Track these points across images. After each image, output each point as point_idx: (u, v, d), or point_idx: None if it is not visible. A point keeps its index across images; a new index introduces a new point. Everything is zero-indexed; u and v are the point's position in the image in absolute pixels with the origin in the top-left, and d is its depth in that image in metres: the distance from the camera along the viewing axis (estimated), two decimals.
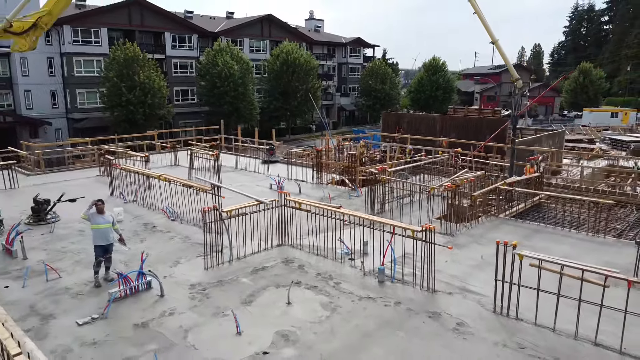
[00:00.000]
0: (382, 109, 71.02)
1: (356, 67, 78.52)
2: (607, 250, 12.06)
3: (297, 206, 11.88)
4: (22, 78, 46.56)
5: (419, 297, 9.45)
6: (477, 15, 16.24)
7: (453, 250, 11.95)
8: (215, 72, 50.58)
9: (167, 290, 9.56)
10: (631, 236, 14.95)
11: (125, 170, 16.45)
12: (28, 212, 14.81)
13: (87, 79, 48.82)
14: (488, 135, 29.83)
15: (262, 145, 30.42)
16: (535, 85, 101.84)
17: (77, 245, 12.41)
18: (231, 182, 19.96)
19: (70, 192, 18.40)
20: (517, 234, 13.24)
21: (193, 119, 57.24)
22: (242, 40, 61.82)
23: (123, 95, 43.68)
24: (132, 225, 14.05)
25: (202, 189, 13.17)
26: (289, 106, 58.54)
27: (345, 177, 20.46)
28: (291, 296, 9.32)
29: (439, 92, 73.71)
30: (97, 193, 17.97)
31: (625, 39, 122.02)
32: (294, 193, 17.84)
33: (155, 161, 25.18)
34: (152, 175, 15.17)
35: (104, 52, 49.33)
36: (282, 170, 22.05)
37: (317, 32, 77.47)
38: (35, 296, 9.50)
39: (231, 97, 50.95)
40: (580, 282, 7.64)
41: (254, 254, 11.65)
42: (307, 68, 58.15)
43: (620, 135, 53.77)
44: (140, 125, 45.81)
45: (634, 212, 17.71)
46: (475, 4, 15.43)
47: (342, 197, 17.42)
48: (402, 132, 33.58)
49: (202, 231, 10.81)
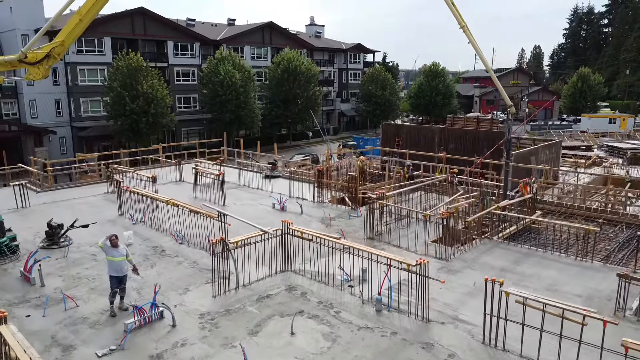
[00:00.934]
0: (382, 114, 71.80)
1: (356, 73, 79.18)
2: (593, 276, 12.71)
3: (300, 235, 12.55)
4: (27, 87, 47.26)
5: (413, 327, 10.12)
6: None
7: (447, 277, 12.63)
8: (217, 80, 51.26)
9: (178, 320, 10.23)
10: (619, 258, 15.60)
11: (134, 192, 17.11)
12: (41, 234, 15.49)
13: (91, 88, 49.55)
14: (486, 148, 30.49)
15: (264, 155, 31.15)
16: (535, 89, 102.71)
17: (91, 271, 13.08)
18: (235, 200, 20.66)
19: (79, 211, 19.14)
20: (508, 259, 13.91)
21: (195, 126, 58.05)
22: (243, 47, 62.51)
23: (127, 105, 44.36)
24: (142, 248, 14.71)
25: (210, 216, 13.83)
26: (290, 113, 59.22)
27: (345, 194, 21.12)
28: (295, 325, 9.99)
29: (438, 97, 74.39)
30: (106, 213, 18.72)
31: (624, 42, 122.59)
32: (295, 213, 18.60)
33: (161, 176, 25.80)
34: (161, 199, 15.83)
35: (108, 61, 50.04)
36: (283, 186, 22.66)
37: (318, 38, 78.17)
38: (55, 326, 10.17)
39: (233, 106, 51.63)
40: (561, 319, 8.30)
41: (259, 280, 12.31)
42: (308, 75, 58.86)
43: (617, 142, 54.39)
44: (144, 134, 46.58)
45: (624, 231, 18.35)
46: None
47: (342, 217, 18.08)
48: (401, 143, 34.21)
49: (210, 255, 11.51)
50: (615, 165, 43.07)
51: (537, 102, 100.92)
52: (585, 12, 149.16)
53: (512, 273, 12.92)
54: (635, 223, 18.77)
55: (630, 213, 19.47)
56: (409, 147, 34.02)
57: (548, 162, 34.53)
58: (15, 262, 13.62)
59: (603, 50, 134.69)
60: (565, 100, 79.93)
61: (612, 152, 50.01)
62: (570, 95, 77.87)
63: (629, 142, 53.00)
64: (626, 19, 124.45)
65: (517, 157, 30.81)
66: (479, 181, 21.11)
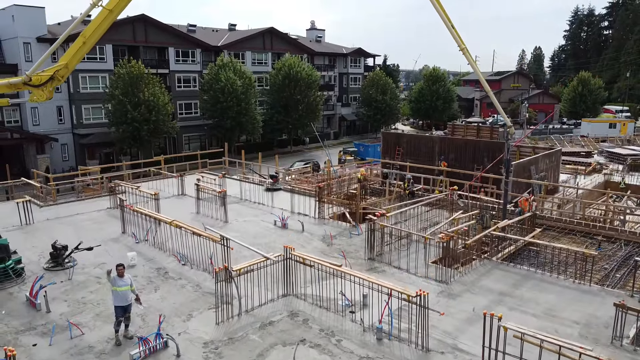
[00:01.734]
0: (383, 119, 72.01)
1: (357, 77, 79.35)
2: (591, 301, 12.88)
3: (302, 260, 12.73)
4: (29, 95, 47.35)
5: (414, 357, 10.29)
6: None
7: (447, 301, 12.82)
8: (218, 87, 51.45)
9: (182, 349, 10.41)
10: (617, 278, 15.76)
11: (137, 212, 17.29)
12: (46, 254, 15.70)
13: (93, 95, 49.74)
14: (486, 159, 30.66)
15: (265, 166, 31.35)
16: (535, 93, 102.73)
17: (95, 295, 13.27)
18: (237, 216, 20.83)
19: (82, 228, 19.35)
20: (507, 282, 14.08)
21: (196, 132, 58.25)
22: (244, 53, 62.70)
23: (128, 113, 44.57)
24: (145, 270, 14.90)
25: (212, 239, 14.01)
26: (291, 119, 59.40)
27: (346, 210, 21.29)
28: (297, 356, 10.17)
29: (439, 101, 74.58)
30: (109, 230, 18.90)
31: (625, 44, 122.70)
32: (297, 230, 18.79)
33: (163, 188, 26.06)
34: (164, 220, 16.00)
35: (109, 68, 50.26)
36: (285, 199, 22.81)
37: (319, 43, 78.37)
38: (61, 355, 10.36)
39: (234, 112, 51.82)
40: (558, 355, 8.47)
41: (261, 305, 12.49)
42: (308, 81, 59.05)
43: (617, 148, 54.49)
44: (145, 142, 46.79)
45: (622, 248, 18.51)
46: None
47: (343, 236, 18.24)
48: (401, 152, 34.35)
49: (212, 278, 11.69)
50: (615, 172, 43.27)
51: (537, 105, 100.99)
52: (585, 14, 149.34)
53: (511, 297, 13.09)
54: (634, 240, 18.92)
55: (629, 230, 19.62)
56: (409, 156, 34.20)
57: (548, 171, 34.76)
58: (20, 286, 13.81)
59: (604, 52, 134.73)
60: (566, 104, 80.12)
61: (612, 158, 50.18)
62: (571, 99, 78.04)
63: (629, 148, 53.11)
64: (626, 21, 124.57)
65: (517, 167, 30.99)
66: (479, 197, 21.27)
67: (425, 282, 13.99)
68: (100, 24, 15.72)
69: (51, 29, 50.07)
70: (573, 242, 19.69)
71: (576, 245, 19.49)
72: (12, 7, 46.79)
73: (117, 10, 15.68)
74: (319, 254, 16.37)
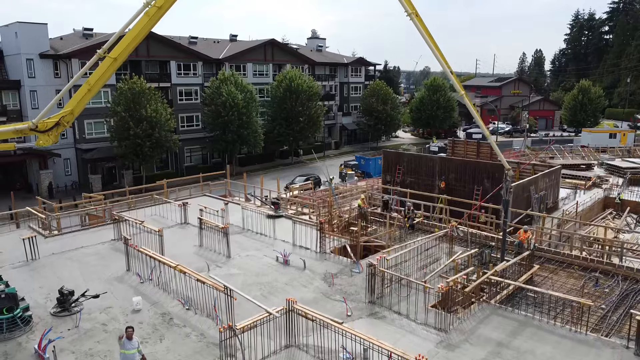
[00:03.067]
0: (383, 128, 72.32)
1: (358, 86, 79.67)
2: (588, 352, 13.15)
3: (304, 314, 13.03)
4: (32, 111, 47.76)
5: None
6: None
7: (446, 354, 13.10)
8: (219, 101, 51.79)
9: None
10: (614, 321, 16.02)
11: (142, 252, 17.59)
12: (52, 295, 16.00)
13: (95, 110, 50.03)
14: (485, 179, 30.92)
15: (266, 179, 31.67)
16: (536, 100, 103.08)
17: (102, 345, 13.55)
18: (239, 249, 21.12)
19: (87, 264, 19.68)
20: (505, 329, 14.35)
21: (198, 144, 58.61)
22: (245, 65, 63.01)
23: (130, 129, 44.91)
24: (150, 316, 15.18)
25: (216, 287, 14.30)
26: (292, 131, 59.73)
27: (347, 242, 21.56)
28: None
29: (439, 111, 74.86)
30: (114, 267, 19.21)
31: (625, 50, 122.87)
32: (299, 267, 19.08)
33: (165, 215, 26.40)
34: (169, 264, 16.29)
35: (112, 83, 50.54)
36: (286, 228, 23.07)
37: (319, 52, 78.72)
38: None
39: (235, 126, 52.16)
40: None
41: (264, 358, 12.77)
42: (309, 93, 59.39)
43: (617, 160, 54.68)
44: (148, 157, 47.11)
45: (619, 284, 18.76)
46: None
47: (344, 274, 18.52)
48: (402, 172, 34.63)
49: (216, 326, 12.01)
50: (615, 186, 43.49)
51: (537, 112, 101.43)
52: (586, 18, 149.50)
53: (508, 349, 13.37)
54: (632, 276, 19.18)
55: (626, 266, 19.87)
56: (409, 175, 34.51)
57: (547, 190, 35.03)
58: (29, 335, 14.11)
59: (604, 57, 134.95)
60: (566, 113, 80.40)
61: (612, 171, 50.40)
62: (571, 107, 78.34)
63: (629, 161, 53.21)
64: (627, 27, 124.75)
65: (517, 188, 31.27)
66: (478, 229, 21.54)
67: (424, 330, 14.28)
68: (105, 72, 16.00)
69: (53, 44, 50.48)
70: (571, 276, 19.97)
71: (574, 280, 19.82)
72: (15, 24, 47.20)
73: (121, 59, 15.99)
74: (321, 296, 16.71)
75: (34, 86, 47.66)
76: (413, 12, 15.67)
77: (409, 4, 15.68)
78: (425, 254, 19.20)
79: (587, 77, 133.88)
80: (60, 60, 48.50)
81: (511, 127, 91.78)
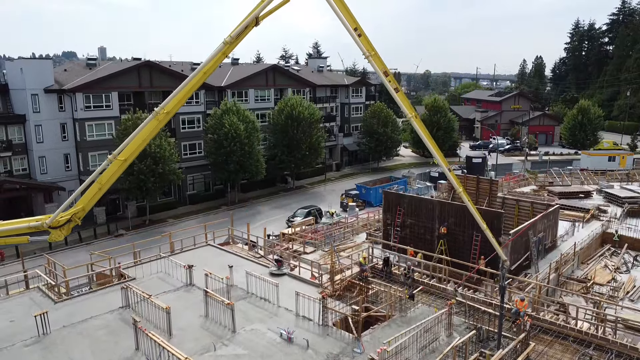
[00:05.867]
0: (384, 150, 72.89)
1: (359, 106, 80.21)
2: None
3: None
4: (37, 145, 48.46)
5: None
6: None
7: None
8: (222, 132, 52.37)
9: None
10: None
11: (151, 337, 18.15)
12: None
13: (99, 142, 50.71)
14: None
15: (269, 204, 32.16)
16: (536, 115, 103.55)
17: None
18: (244, 320, 21.66)
19: (97, 339, 20.23)
20: None
21: (201, 171, 59.18)
22: (247, 91, 63.60)
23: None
24: None
25: None
26: (294, 158, 60.31)
27: (348, 313, 22.09)
28: None
29: (439, 132, 75.43)
30: (123, 345, 19.76)
31: (625, 62, 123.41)
32: (302, 346, 19.64)
33: (171, 273, 26.96)
34: (178, 355, 16.85)
35: (115, 115, 51.29)
36: (289, 291, 23.52)
37: (320, 73, 79.31)
38: None
39: (238, 156, 52.73)
40: None
41: None
42: (310, 121, 59.99)
43: (616, 186, 55.12)
44: (151, 191, 47.68)
45: None
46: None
47: (345, 355, 19.06)
48: (402, 213, 35.19)
49: None
50: (613, 219, 43.97)
51: (537, 127, 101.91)
52: (586, 29, 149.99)
53: None
54: (625, 352, 19.73)
55: (620, 342, 20.40)
56: (409, 217, 35.08)
57: (546, 230, 35.58)
58: None
59: (604, 68, 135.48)
60: (565, 132, 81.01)
61: (610, 199, 50.87)
62: (571, 127, 78.96)
63: (628, 189, 53.52)
64: (626, 39, 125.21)
65: (516, 234, 31.88)
66: (477, 298, 22.08)
67: None
68: (115, 173, 16.63)
69: (58, 76, 51.10)
70: (566, 349, 20.54)
71: (570, 356, 20.36)
72: (20, 60, 47.89)
73: (130, 160, 16.62)
74: None
75: (39, 121, 48.28)
76: (372, 53, 15.51)
77: (367, 45, 15.51)
78: (425, 335, 19.74)
79: (587, 88, 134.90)
80: (65, 94, 49.08)
81: (511, 145, 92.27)
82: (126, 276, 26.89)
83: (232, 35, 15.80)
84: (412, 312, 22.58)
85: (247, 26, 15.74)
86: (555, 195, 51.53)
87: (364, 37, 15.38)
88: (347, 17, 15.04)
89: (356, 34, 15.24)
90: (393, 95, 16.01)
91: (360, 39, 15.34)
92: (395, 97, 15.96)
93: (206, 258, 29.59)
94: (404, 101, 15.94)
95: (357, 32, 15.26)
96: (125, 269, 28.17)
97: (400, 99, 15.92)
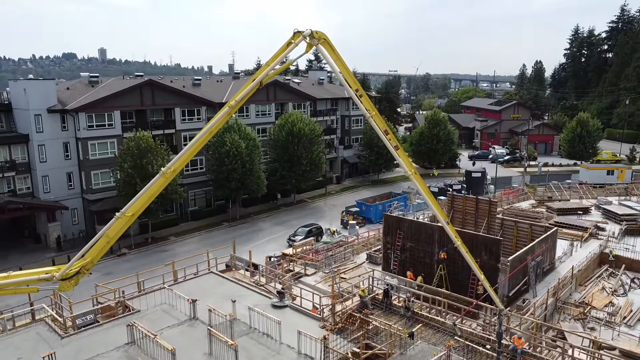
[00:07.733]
0: (384, 163, 73.36)
1: (359, 119, 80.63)
2: None
3: None
4: (40, 164, 48.87)
5: None
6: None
7: None
8: (223, 150, 52.81)
9: None
10: None
11: None
12: None
13: (102, 161, 51.15)
14: (484, 252, 31.87)
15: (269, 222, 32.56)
16: (536, 125, 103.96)
17: None
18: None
19: None
20: None
21: (202, 187, 59.62)
22: (248, 106, 64.04)
23: (137, 186, 45.83)
24: None
25: None
26: (294, 173, 60.74)
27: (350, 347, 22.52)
28: None
29: (439, 144, 75.89)
30: None
31: (624, 70, 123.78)
32: None
33: (174, 304, 27.35)
34: None
35: (118, 134, 51.73)
36: (291, 326, 23.92)
37: (321, 85, 79.78)
38: None
39: (239, 174, 53.16)
40: None
41: None
42: (311, 137, 60.43)
43: (614, 202, 55.53)
44: (154, 211, 48.10)
45: None
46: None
47: None
48: (402, 236, 35.62)
49: None
50: (611, 237, 44.38)
51: (537, 136, 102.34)
52: (585, 35, 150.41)
53: None
54: None
55: None
56: (409, 240, 35.51)
57: (544, 254, 36.05)
58: None
59: (604, 75, 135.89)
60: (565, 145, 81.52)
61: (608, 216, 51.30)
62: (570, 140, 79.48)
63: (626, 205, 53.92)
64: (626, 47, 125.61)
65: (514, 261, 32.35)
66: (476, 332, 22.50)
67: None
68: (122, 227, 17.09)
69: (60, 95, 51.54)
70: None
71: None
72: (24, 81, 48.32)
73: (137, 215, 17.06)
74: None
75: (42, 140, 48.73)
76: (373, 113, 16.86)
77: (368, 105, 16.76)
78: None
79: (587, 96, 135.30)
80: (68, 114, 49.52)
81: (510, 155, 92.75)
82: (131, 308, 27.30)
83: (237, 99, 16.27)
84: (412, 349, 23.01)
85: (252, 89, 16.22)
86: (554, 211, 52.01)
87: (365, 97, 15.87)
88: (350, 80, 15.52)
89: (357, 95, 15.71)
90: (393, 153, 16.50)
91: (362, 99, 15.83)
92: (395, 155, 16.44)
93: (209, 288, 29.98)
94: (404, 159, 16.42)
95: (359, 93, 15.74)
96: (129, 299, 28.59)
97: (400, 157, 16.40)
